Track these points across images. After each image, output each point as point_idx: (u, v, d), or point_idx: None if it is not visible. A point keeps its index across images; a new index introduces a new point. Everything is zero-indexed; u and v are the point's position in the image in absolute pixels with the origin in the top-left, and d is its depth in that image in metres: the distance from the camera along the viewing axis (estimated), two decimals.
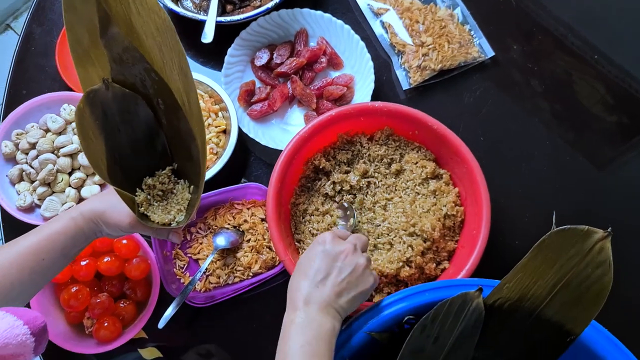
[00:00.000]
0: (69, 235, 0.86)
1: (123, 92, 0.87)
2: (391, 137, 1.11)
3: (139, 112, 0.90)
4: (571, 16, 1.31)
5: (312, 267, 0.81)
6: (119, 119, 0.88)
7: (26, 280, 0.82)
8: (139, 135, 0.91)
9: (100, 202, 0.89)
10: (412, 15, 1.28)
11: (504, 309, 0.77)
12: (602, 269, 0.69)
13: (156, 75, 0.86)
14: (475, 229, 0.99)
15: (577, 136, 1.22)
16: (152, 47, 0.84)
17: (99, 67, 0.84)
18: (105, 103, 0.85)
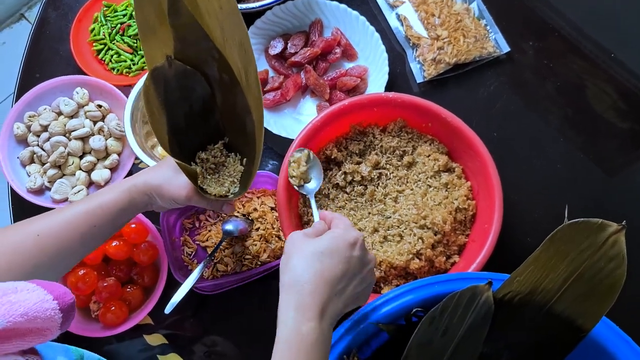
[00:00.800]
0: (121, 206, 0.86)
1: (184, 68, 0.89)
2: (404, 129, 1.10)
3: (196, 88, 0.91)
4: (583, 18, 1.30)
5: (338, 270, 0.72)
6: (179, 94, 0.90)
7: (76, 244, 0.83)
8: (194, 110, 0.93)
9: (156, 175, 0.89)
10: (428, 9, 1.27)
11: (513, 303, 0.76)
12: (616, 262, 0.68)
13: (217, 52, 0.88)
14: (487, 223, 0.98)
15: (590, 134, 1.21)
16: (214, 25, 0.85)
17: (163, 45, 0.86)
18: (167, 80, 0.87)
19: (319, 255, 0.72)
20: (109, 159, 1.17)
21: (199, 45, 0.87)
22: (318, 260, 0.72)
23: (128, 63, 1.25)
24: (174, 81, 0.88)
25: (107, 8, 1.28)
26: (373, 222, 1.04)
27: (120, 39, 1.26)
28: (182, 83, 0.89)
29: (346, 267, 0.72)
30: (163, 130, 0.89)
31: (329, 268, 0.71)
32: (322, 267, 0.71)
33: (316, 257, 0.72)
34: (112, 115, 1.20)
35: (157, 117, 0.87)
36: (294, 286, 0.70)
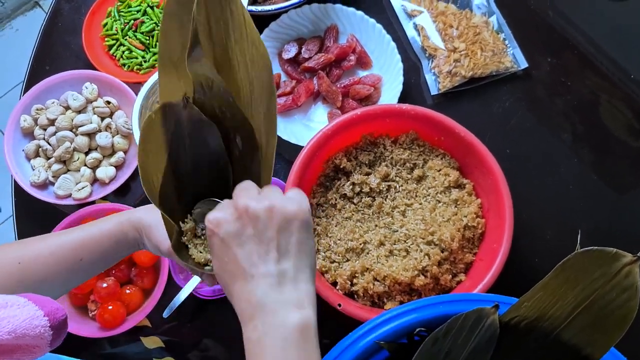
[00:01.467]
0: (112, 239, 0.81)
1: (200, 116, 0.77)
2: (416, 142, 1.08)
3: (209, 142, 0.80)
4: (604, 37, 1.27)
5: (229, 262, 0.61)
6: (188, 142, 0.79)
7: (61, 276, 0.78)
8: (204, 164, 0.82)
9: (151, 215, 0.83)
10: (446, 20, 1.25)
11: (520, 328, 0.74)
12: (629, 293, 0.66)
13: (238, 111, 0.77)
14: (496, 243, 0.96)
15: (607, 155, 1.19)
16: (242, 80, 0.76)
17: (182, 83, 0.76)
18: (179, 121, 0.77)
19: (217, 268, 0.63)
20: (115, 156, 1.15)
21: (221, 98, 0.77)
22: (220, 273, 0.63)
23: (139, 60, 1.23)
24: (187, 126, 0.78)
25: (121, 3, 1.27)
26: (379, 235, 1.02)
27: (133, 35, 1.24)
28: (195, 131, 0.78)
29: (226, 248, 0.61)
30: (154, 172, 0.77)
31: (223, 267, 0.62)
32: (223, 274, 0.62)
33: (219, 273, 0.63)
34: (120, 112, 1.18)
35: (152, 155, 0.76)
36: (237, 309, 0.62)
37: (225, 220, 0.61)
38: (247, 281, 0.59)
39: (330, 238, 1.03)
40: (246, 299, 0.59)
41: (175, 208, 0.79)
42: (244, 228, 0.61)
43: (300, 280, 0.61)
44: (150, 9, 1.25)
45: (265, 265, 0.60)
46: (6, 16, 2.59)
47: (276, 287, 0.59)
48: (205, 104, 0.77)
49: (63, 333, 0.61)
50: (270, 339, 0.57)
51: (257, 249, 0.60)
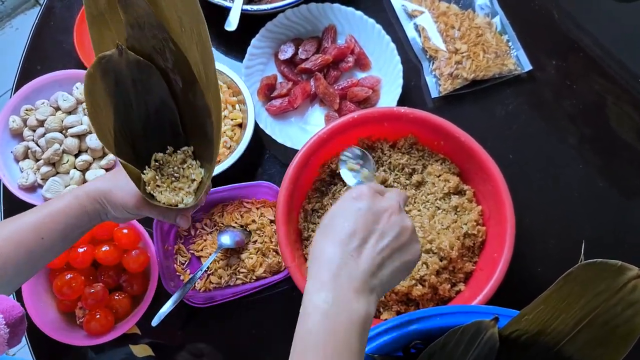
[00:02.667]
0: (71, 214, 0.79)
1: (138, 60, 0.79)
2: (415, 146, 1.05)
3: (152, 85, 0.82)
4: (611, 38, 1.24)
5: (346, 228, 0.64)
6: (132, 90, 0.81)
7: (22, 261, 0.77)
8: (151, 109, 0.84)
9: (107, 181, 0.83)
10: (448, 20, 1.22)
11: (520, 342, 0.71)
12: (634, 308, 0.63)
13: (174, 44, 0.79)
14: (497, 252, 0.93)
15: (612, 161, 1.16)
16: (171, 14, 0.77)
17: (114, 32, 0.77)
18: (118, 71, 0.78)
19: (328, 218, 0.67)
20: (105, 158, 1.12)
21: (154, 35, 0.78)
22: (328, 223, 0.67)
23: None
24: (127, 74, 0.79)
25: None
26: None
27: None
28: (136, 77, 0.80)
29: (355, 219, 0.65)
30: (107, 127, 0.79)
31: (335, 225, 0.65)
32: (330, 227, 0.66)
33: (328, 223, 0.67)
34: None
35: (100, 111, 0.78)
36: (312, 258, 0.66)
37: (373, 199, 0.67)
38: (345, 256, 0.62)
39: None
40: (332, 267, 0.62)
41: (132, 158, 0.81)
42: (380, 220, 0.66)
43: (376, 292, 0.64)
44: None
45: (366, 260, 0.63)
46: (6, 15, 2.57)
47: (360, 281, 0.62)
48: (142, 47, 0.79)
49: (21, 331, 0.60)
50: (338, 316, 0.59)
51: (374, 242, 0.64)
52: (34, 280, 1.02)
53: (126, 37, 0.78)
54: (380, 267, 0.64)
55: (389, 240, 0.65)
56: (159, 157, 0.86)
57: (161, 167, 0.86)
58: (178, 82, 0.83)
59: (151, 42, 0.79)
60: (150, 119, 0.85)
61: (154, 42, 0.79)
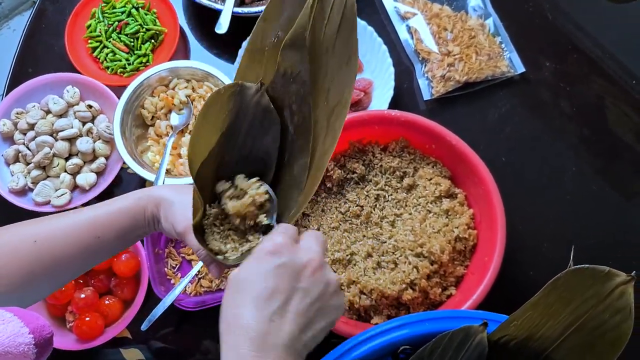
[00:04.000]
0: (129, 214, 0.77)
1: (268, 106, 0.74)
2: (406, 149, 1.04)
3: (267, 135, 0.76)
4: (610, 39, 1.24)
5: (264, 288, 0.58)
6: (245, 129, 0.76)
7: (76, 257, 0.76)
8: (252, 155, 0.77)
9: (174, 193, 0.79)
10: (441, 22, 1.21)
11: (509, 348, 0.70)
12: (622, 315, 0.62)
13: (308, 115, 0.73)
14: (488, 256, 0.92)
15: (606, 165, 1.15)
16: (323, 86, 0.72)
17: (262, 69, 0.74)
18: (245, 104, 0.74)
19: (243, 276, 0.61)
20: (96, 162, 1.12)
21: (296, 91, 0.73)
22: (243, 282, 0.60)
23: (123, 63, 1.19)
24: (251, 113, 0.74)
25: (105, 4, 1.23)
26: (367, 247, 0.98)
27: (117, 37, 1.21)
28: (257, 118, 0.75)
29: (274, 279, 0.59)
30: (203, 149, 0.73)
31: (252, 285, 0.59)
32: (245, 287, 0.59)
33: (242, 281, 0.60)
34: (102, 116, 1.15)
35: (208, 130, 0.73)
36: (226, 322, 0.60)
37: (292, 253, 0.61)
38: (265, 320, 0.56)
39: None
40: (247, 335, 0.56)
41: (208, 188, 0.75)
42: (302, 277, 0.60)
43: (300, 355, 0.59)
44: (135, 10, 1.22)
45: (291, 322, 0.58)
46: (3, 16, 2.57)
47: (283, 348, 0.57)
48: (277, 96, 0.74)
49: (47, 351, 0.59)
50: None
51: (297, 304, 0.59)
52: None
53: (271, 81, 0.74)
54: (305, 329, 0.59)
55: (313, 299, 0.60)
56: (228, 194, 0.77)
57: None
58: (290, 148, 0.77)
59: (290, 96, 0.74)
60: (246, 164, 0.78)
61: (292, 98, 0.74)
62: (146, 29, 1.21)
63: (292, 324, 0.58)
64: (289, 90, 0.74)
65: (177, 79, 1.16)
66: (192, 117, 1.14)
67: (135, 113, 1.13)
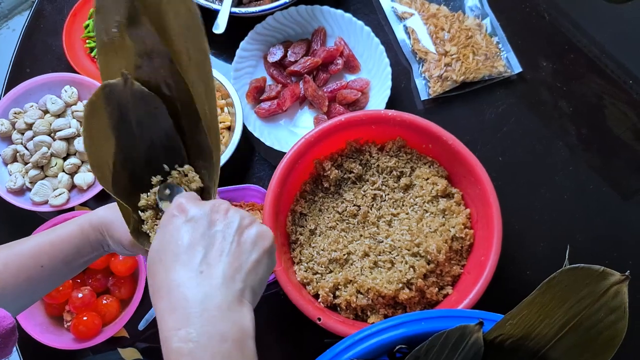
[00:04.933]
0: (73, 243, 0.76)
1: (143, 92, 0.72)
2: (403, 149, 1.04)
3: (157, 118, 0.75)
4: (607, 38, 1.24)
5: (181, 244, 0.57)
6: (135, 121, 0.74)
7: (22, 287, 0.74)
8: (156, 143, 0.76)
9: (112, 211, 0.78)
10: (438, 22, 1.21)
11: (505, 347, 0.70)
12: (617, 314, 0.63)
13: (181, 79, 0.73)
14: (484, 256, 0.92)
15: (604, 164, 1.15)
16: (179, 44, 0.71)
17: (122, 59, 0.72)
18: (122, 101, 0.72)
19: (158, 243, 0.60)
20: None
21: (163, 66, 0.73)
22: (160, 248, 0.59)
23: None
24: (132, 105, 0.72)
25: None
26: (364, 246, 0.98)
27: None
28: (141, 108, 0.73)
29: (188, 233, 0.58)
30: (105, 159, 0.72)
31: (169, 247, 0.58)
32: (164, 251, 0.58)
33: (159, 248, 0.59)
34: None
35: (100, 142, 0.71)
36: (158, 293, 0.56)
37: (196, 206, 0.60)
38: (194, 275, 0.55)
39: (313, 248, 0.99)
40: (184, 294, 0.53)
41: (131, 194, 0.74)
42: (216, 221, 0.59)
43: (245, 297, 0.57)
44: None
45: (219, 266, 0.56)
46: (3, 16, 2.57)
47: (221, 293, 0.55)
48: (149, 78, 0.73)
49: (12, 342, 0.58)
50: (206, 353, 0.51)
51: (219, 248, 0.58)
52: None
53: (134, 67, 0.72)
54: (238, 269, 0.57)
55: (232, 235, 0.59)
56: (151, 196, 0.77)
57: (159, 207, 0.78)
58: (183, 117, 0.76)
59: (161, 73, 0.73)
60: (155, 154, 0.77)
61: (163, 73, 0.73)
62: None
63: (222, 267, 0.56)
64: (154, 66, 0.72)
65: None
66: None
67: None
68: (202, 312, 0.53)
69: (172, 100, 0.74)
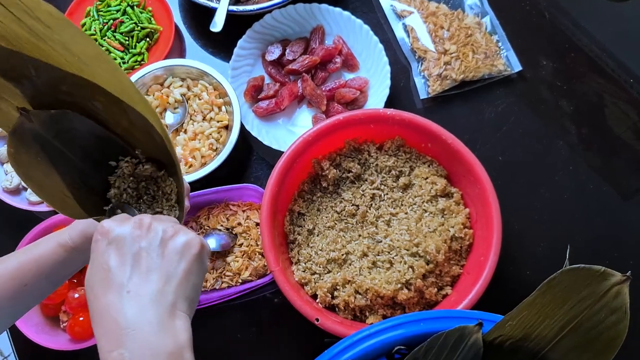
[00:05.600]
0: (57, 260, 0.75)
1: (49, 114, 0.69)
2: (402, 148, 1.04)
3: (76, 126, 0.72)
4: (607, 37, 1.23)
5: (106, 267, 0.57)
6: (60, 142, 0.72)
7: (5, 308, 0.73)
8: (90, 149, 0.75)
9: (90, 222, 0.76)
10: (437, 21, 1.21)
11: (504, 348, 0.70)
12: (617, 315, 0.62)
13: (74, 77, 0.68)
14: (483, 256, 0.92)
15: (604, 163, 1.14)
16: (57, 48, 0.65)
17: (13, 100, 0.68)
18: (36, 135, 0.69)
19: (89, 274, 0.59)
20: None
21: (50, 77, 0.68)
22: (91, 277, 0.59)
23: (118, 61, 1.19)
24: (46, 131, 0.70)
25: (100, 2, 1.23)
26: (362, 246, 0.97)
27: (112, 36, 1.20)
28: (54, 129, 0.70)
29: (113, 254, 0.58)
30: (60, 192, 0.71)
31: (98, 274, 0.58)
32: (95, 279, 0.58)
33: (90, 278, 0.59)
34: None
35: (44, 182, 0.71)
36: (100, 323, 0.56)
37: (118, 226, 0.60)
38: (122, 296, 0.55)
39: (311, 248, 0.98)
40: (114, 317, 0.54)
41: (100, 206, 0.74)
42: (138, 238, 0.59)
43: (178, 308, 0.57)
44: (130, 8, 1.21)
45: (146, 283, 0.56)
46: None
47: (152, 309, 0.55)
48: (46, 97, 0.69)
49: None
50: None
51: (145, 264, 0.58)
52: None
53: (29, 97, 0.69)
54: (167, 282, 0.57)
55: (157, 248, 0.59)
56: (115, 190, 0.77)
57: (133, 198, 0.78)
58: (98, 108, 0.73)
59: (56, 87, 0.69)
60: (95, 157, 0.76)
61: (54, 82, 0.69)
62: (141, 28, 1.20)
63: (149, 283, 0.56)
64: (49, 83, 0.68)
65: (172, 78, 1.15)
66: (187, 115, 1.13)
67: None
68: (133, 332, 0.53)
69: (83, 101, 0.71)
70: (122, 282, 0.56)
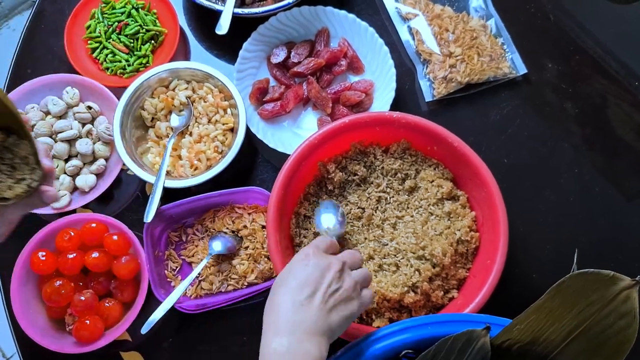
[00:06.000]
0: None
1: None
2: (408, 151, 1.04)
3: None
4: (612, 39, 1.23)
5: (296, 282, 0.73)
6: None
7: None
8: None
9: None
10: (442, 23, 1.21)
11: (512, 352, 0.70)
12: (626, 320, 0.62)
13: None
14: (490, 259, 0.92)
15: (609, 165, 1.14)
16: None
17: None
18: None
19: (281, 275, 0.76)
20: (96, 164, 1.11)
21: None
22: (281, 279, 0.75)
23: (123, 64, 1.19)
24: None
25: (105, 5, 1.22)
26: (369, 249, 0.97)
27: (117, 38, 1.20)
28: None
29: (304, 273, 0.74)
30: None
31: (287, 280, 0.74)
32: (282, 282, 0.74)
33: (280, 279, 0.75)
34: (102, 117, 1.14)
35: None
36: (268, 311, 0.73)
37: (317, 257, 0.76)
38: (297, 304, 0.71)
39: None
40: (285, 315, 0.70)
41: None
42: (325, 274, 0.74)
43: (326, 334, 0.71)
44: (135, 11, 1.21)
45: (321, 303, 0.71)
46: (3, 15, 2.56)
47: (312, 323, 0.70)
48: None
49: None
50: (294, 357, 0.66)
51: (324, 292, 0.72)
52: (23, 286, 1.01)
53: None
54: (329, 314, 0.71)
55: (335, 291, 0.73)
56: None
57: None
58: None
59: None
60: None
61: None
62: (146, 30, 1.20)
63: (318, 307, 0.71)
64: None
65: (177, 80, 1.15)
66: (193, 118, 1.13)
67: (135, 114, 1.12)
68: (294, 331, 0.68)
69: None
70: (301, 296, 0.71)
